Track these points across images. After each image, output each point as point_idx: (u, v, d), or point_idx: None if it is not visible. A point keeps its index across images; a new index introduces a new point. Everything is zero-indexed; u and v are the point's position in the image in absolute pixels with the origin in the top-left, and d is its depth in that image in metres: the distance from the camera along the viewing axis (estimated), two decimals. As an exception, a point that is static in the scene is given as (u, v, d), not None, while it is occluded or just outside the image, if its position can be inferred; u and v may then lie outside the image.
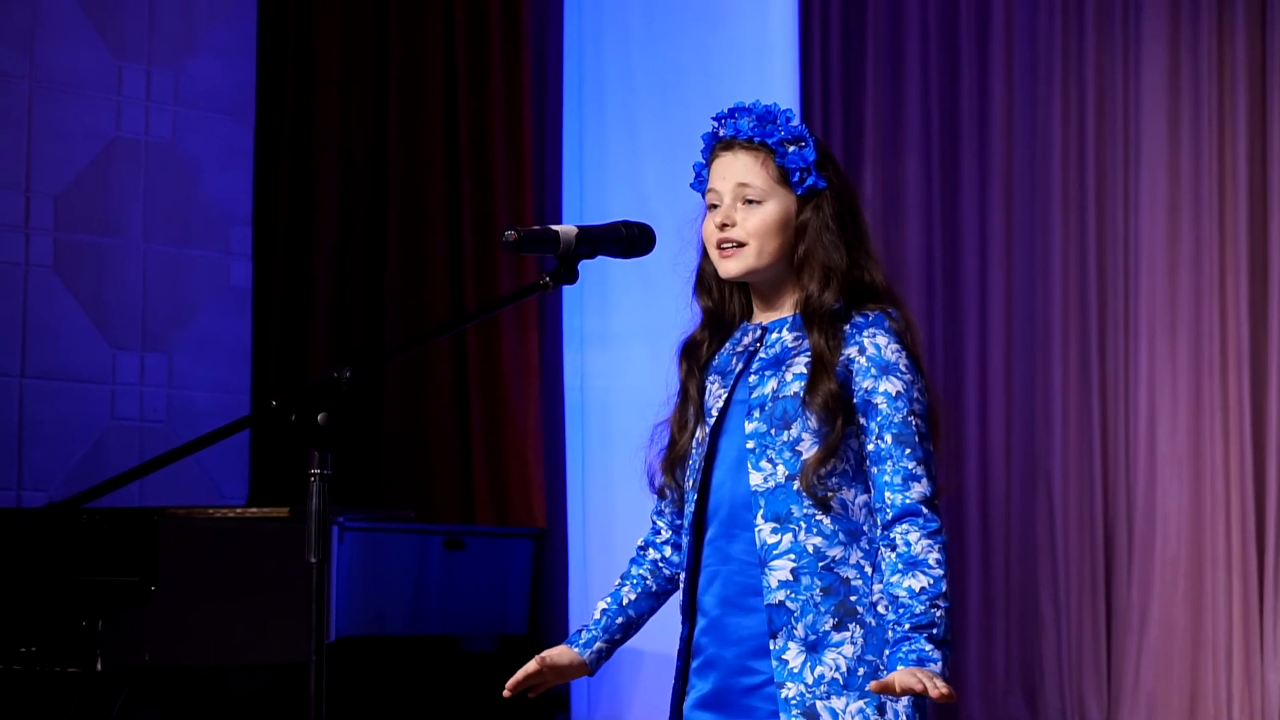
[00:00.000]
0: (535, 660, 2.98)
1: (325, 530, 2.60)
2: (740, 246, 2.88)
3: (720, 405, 2.90)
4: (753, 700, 2.84)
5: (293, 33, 7.35)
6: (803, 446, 2.81)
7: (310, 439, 2.60)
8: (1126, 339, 6.37)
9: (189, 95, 7.07)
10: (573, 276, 2.82)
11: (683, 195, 3.05)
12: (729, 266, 2.90)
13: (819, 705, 2.78)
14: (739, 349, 2.94)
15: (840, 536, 2.81)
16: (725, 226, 2.89)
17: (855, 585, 2.81)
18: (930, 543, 2.75)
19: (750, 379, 2.88)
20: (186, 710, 5.48)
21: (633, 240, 2.88)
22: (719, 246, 2.90)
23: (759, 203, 2.89)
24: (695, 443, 2.93)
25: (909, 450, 2.79)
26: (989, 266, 6.56)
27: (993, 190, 6.56)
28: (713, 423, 2.90)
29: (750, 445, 2.84)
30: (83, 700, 4.91)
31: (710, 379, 2.94)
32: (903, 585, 2.73)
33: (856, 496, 2.83)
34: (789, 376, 2.84)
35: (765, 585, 2.82)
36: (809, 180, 2.89)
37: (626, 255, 2.89)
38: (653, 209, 6.14)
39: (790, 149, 2.89)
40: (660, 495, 3.01)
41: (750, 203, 2.89)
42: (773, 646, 2.81)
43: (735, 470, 2.86)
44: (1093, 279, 6.42)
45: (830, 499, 2.81)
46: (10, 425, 6.54)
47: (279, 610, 5.17)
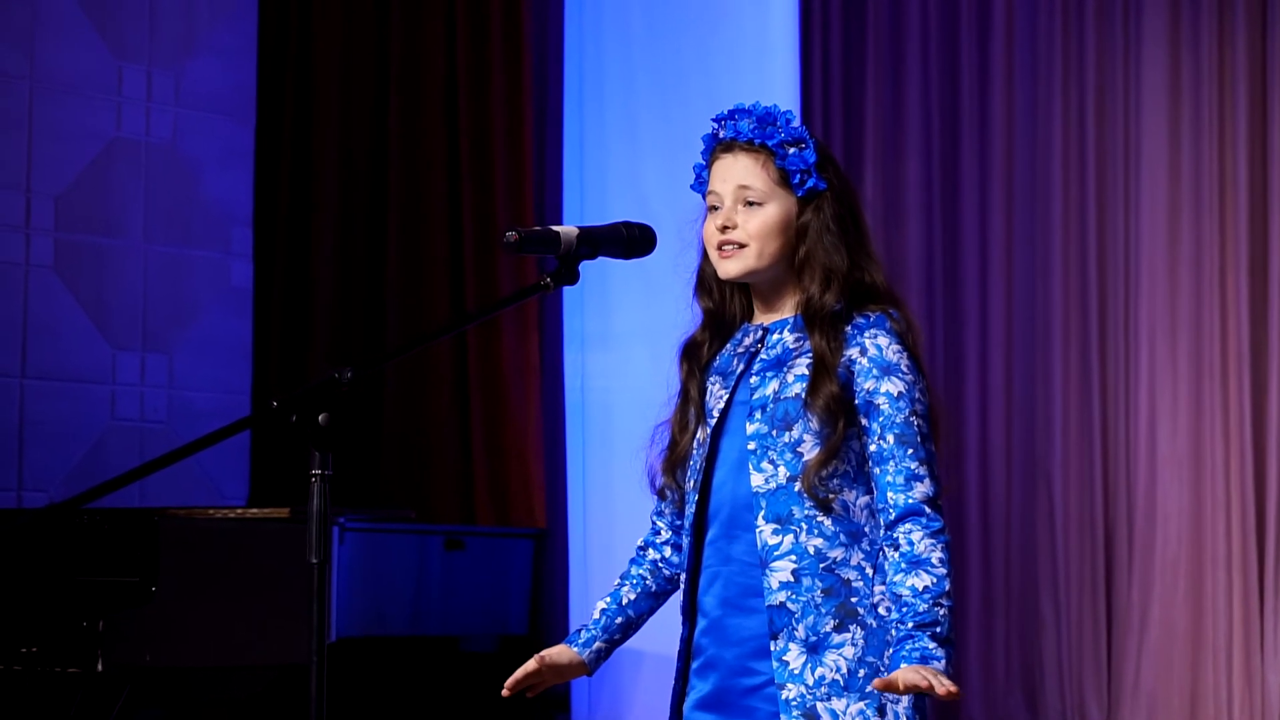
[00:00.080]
0: (534, 659, 2.98)
1: (326, 531, 2.60)
2: (741, 248, 2.88)
3: (721, 406, 2.90)
4: (753, 701, 2.84)
5: (293, 33, 7.35)
6: (804, 448, 2.81)
7: (311, 439, 2.60)
8: (1127, 340, 6.37)
9: (189, 96, 7.07)
10: (573, 277, 2.82)
11: (683, 196, 3.04)
12: (729, 267, 2.90)
13: (819, 706, 2.78)
14: (740, 350, 2.94)
15: (841, 538, 2.82)
16: (726, 228, 2.89)
17: (856, 587, 2.81)
18: (933, 542, 2.75)
19: (751, 380, 2.88)
20: (187, 711, 5.48)
21: (633, 241, 2.88)
22: (719, 248, 2.90)
23: (760, 204, 2.89)
24: (696, 444, 2.93)
25: (911, 450, 2.79)
26: (989, 267, 6.56)
27: (993, 191, 6.55)
28: (714, 424, 2.90)
29: (751, 446, 2.84)
30: (83, 700, 4.91)
31: (711, 380, 2.94)
32: (906, 584, 2.73)
33: (858, 498, 2.83)
34: (790, 378, 2.84)
35: (766, 586, 2.82)
36: (809, 182, 2.89)
37: (627, 256, 2.89)
38: (653, 209, 6.13)
39: (791, 151, 2.89)
40: (661, 496, 3.01)
41: (751, 204, 2.89)
42: (773, 647, 2.81)
43: (736, 471, 2.86)
44: (1093, 280, 6.41)
45: (831, 500, 2.81)
46: (11, 426, 6.54)
47: (279, 611, 5.17)
